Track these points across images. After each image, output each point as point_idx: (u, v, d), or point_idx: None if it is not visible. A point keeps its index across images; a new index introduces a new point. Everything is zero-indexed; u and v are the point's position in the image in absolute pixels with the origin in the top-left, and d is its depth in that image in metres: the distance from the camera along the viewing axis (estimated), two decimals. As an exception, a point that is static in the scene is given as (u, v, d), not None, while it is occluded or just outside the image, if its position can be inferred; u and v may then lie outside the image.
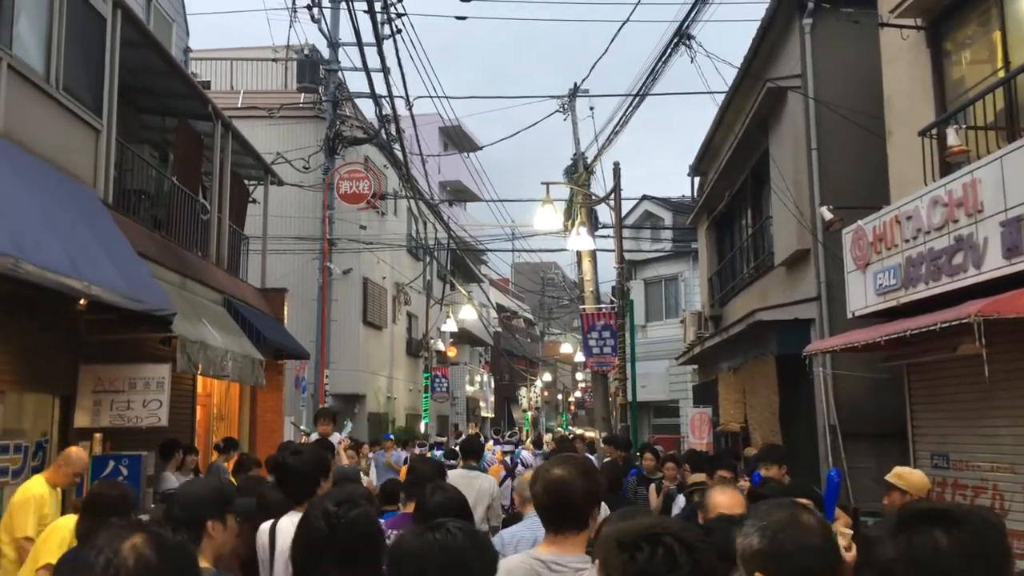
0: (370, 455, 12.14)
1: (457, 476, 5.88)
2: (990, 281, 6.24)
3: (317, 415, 7.60)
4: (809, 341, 9.73)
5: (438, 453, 14.93)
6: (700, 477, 6.02)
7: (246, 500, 4.00)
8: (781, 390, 10.36)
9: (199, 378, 10.46)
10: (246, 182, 14.18)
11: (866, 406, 9.49)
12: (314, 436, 7.35)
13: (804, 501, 3.90)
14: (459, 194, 35.04)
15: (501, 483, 8.86)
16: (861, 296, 8.46)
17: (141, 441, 8.15)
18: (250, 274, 14.23)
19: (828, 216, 8.93)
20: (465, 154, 30.35)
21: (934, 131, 7.61)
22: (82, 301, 6.67)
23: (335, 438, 9.38)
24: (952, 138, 6.67)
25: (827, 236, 9.58)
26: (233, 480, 7.92)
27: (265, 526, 3.64)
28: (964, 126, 6.85)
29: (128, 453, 7.64)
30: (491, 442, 17.68)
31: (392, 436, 16.57)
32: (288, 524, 3.35)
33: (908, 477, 4.22)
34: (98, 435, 7.74)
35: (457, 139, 32.52)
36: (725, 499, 3.32)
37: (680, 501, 6.57)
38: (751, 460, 8.23)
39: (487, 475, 7.07)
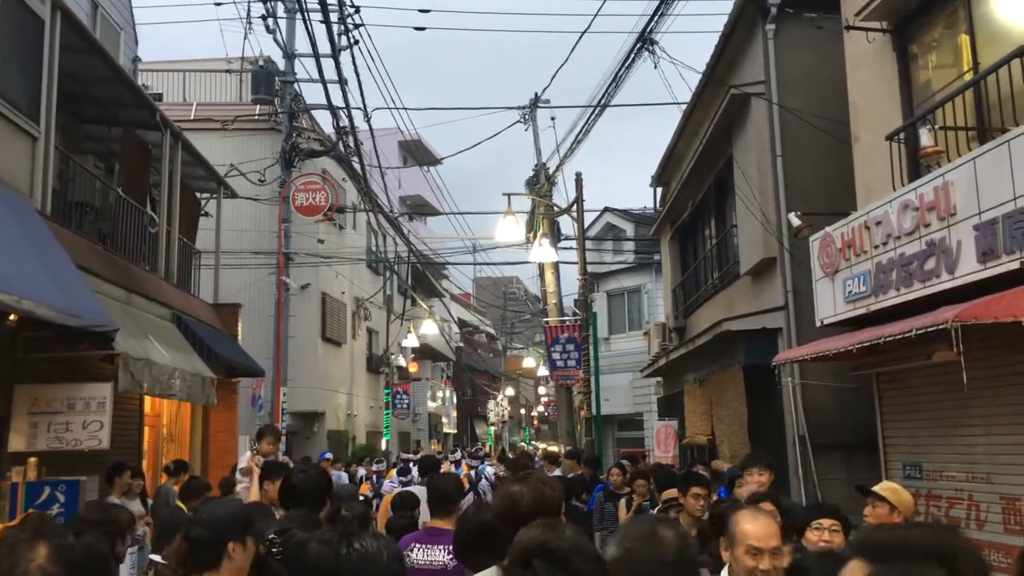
0: None
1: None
2: (964, 286, 6.08)
3: (260, 432, 6.92)
4: (777, 351, 9.56)
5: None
6: (672, 493, 5.74)
7: (263, 524, 3.77)
8: (749, 401, 10.18)
9: (147, 398, 10.00)
10: (198, 195, 13.74)
11: (835, 416, 9.34)
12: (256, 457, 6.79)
13: (829, 522, 3.69)
14: (419, 208, 34.71)
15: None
16: (830, 304, 8.29)
17: (82, 465, 7.69)
18: (203, 289, 13.78)
19: (796, 222, 8.77)
20: (425, 168, 30.05)
21: (902, 135, 7.48)
22: (12, 316, 6.24)
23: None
24: (925, 139, 6.52)
25: (794, 244, 9.43)
26: (181, 504, 7.51)
27: None
28: (935, 127, 6.71)
29: (65, 479, 7.16)
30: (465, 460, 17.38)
31: (329, 455, 15.79)
32: None
33: (900, 494, 4.04)
34: (33, 459, 7.25)
35: (417, 153, 32.21)
36: (757, 529, 2.81)
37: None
38: (723, 474, 7.98)
39: None
